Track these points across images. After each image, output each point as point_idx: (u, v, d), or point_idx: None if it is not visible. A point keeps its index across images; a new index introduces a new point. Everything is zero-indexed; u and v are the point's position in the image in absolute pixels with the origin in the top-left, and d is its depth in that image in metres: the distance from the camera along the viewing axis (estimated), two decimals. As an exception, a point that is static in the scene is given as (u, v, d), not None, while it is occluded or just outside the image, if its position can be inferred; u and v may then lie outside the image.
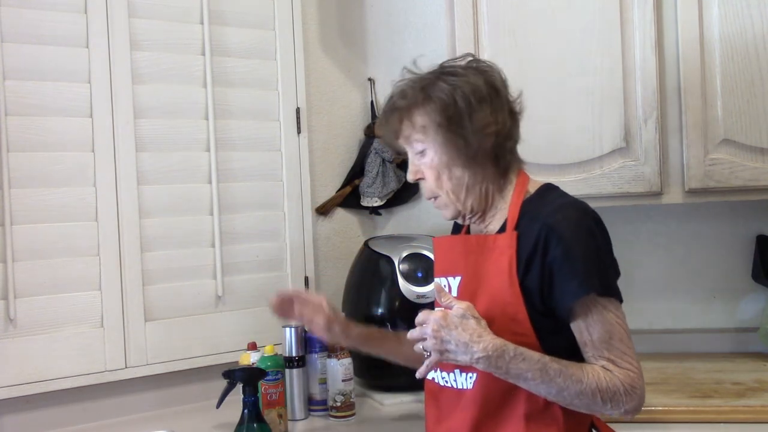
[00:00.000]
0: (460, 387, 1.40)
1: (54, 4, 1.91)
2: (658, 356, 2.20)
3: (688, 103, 1.97)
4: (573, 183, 2.00)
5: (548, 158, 2.02)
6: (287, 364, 1.91)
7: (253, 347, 1.94)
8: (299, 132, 2.31)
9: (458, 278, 1.42)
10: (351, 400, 1.91)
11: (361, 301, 2.14)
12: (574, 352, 1.33)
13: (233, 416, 1.66)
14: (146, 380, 2.02)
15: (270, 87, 2.27)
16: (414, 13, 2.49)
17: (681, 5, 1.97)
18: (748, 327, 2.24)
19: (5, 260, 1.82)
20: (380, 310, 2.08)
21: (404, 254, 2.09)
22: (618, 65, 1.99)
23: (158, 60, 2.06)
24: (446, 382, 1.43)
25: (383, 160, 2.39)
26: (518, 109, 1.44)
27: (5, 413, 1.84)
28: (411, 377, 1.42)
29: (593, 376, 1.28)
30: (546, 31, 2.04)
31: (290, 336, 1.92)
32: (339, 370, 1.89)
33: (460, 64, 1.43)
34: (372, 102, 2.48)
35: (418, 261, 2.08)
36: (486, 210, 1.44)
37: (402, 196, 2.46)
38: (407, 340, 1.37)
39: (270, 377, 1.81)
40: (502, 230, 1.39)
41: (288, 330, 1.92)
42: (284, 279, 2.27)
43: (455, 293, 1.42)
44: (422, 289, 2.03)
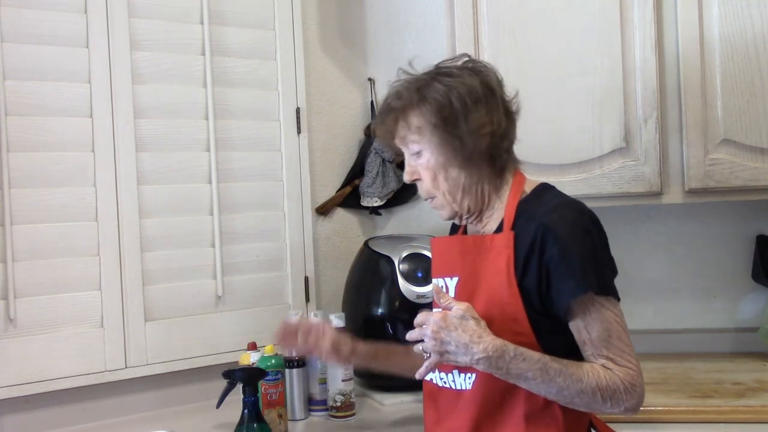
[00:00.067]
0: (459, 388, 1.40)
1: (54, 4, 1.91)
2: (658, 356, 2.19)
3: (688, 103, 1.97)
4: (573, 183, 2.00)
5: (548, 158, 2.02)
6: (287, 364, 1.91)
7: (253, 347, 1.93)
8: (299, 132, 2.31)
9: (455, 279, 1.42)
10: (351, 400, 1.91)
11: (361, 301, 2.14)
12: (573, 351, 1.33)
13: (233, 416, 1.66)
14: (146, 380, 2.02)
15: (270, 87, 2.26)
16: (414, 13, 2.49)
17: (681, 5, 1.97)
18: (748, 327, 2.24)
19: (5, 260, 1.82)
20: (380, 310, 2.08)
21: (404, 254, 2.09)
22: (618, 65, 1.99)
23: (158, 60, 2.06)
24: (445, 383, 1.43)
25: (383, 160, 2.38)
26: (514, 109, 1.43)
27: (5, 413, 1.84)
28: (411, 377, 1.42)
29: (593, 375, 1.28)
30: (546, 31, 2.04)
31: (290, 336, 1.92)
32: (339, 370, 1.89)
33: (456, 65, 1.43)
34: (372, 102, 2.48)
35: (418, 261, 2.08)
36: (483, 210, 1.44)
37: (402, 196, 2.46)
38: (415, 353, 1.36)
39: (270, 377, 1.81)
40: (499, 230, 1.39)
41: (288, 330, 1.92)
42: (284, 279, 2.27)
43: (453, 294, 1.42)
44: (422, 289, 2.03)
